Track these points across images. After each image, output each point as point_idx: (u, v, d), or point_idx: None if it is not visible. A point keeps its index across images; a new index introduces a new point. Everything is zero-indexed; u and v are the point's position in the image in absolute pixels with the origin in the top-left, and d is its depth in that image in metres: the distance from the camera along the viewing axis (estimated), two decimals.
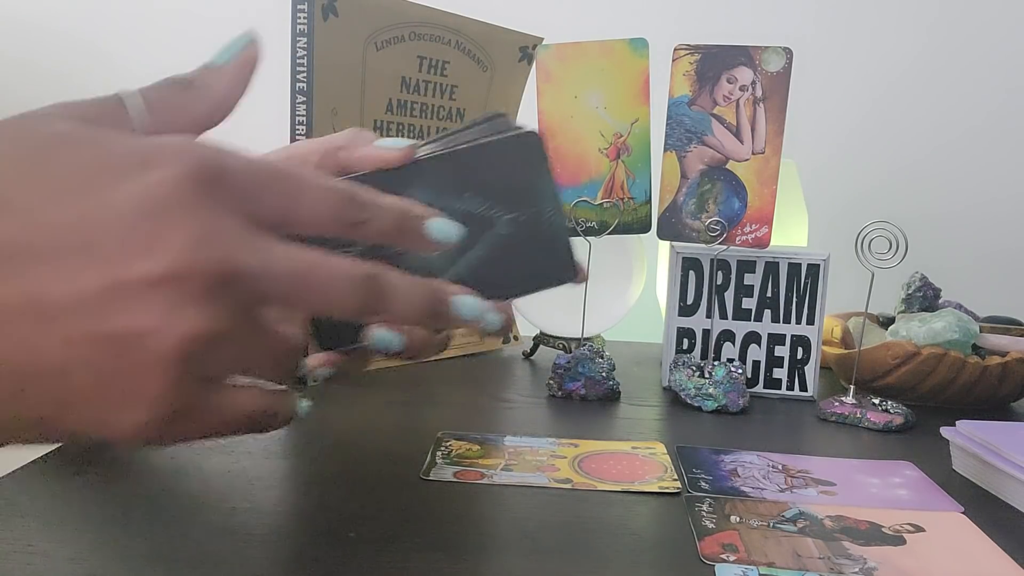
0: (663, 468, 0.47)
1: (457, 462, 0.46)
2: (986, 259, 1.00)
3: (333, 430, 0.52)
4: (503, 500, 0.42)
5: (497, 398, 0.63)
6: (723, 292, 0.65)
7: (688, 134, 0.63)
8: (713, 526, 0.39)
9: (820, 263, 0.64)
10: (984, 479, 0.46)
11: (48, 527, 0.36)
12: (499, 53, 0.72)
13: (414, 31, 0.66)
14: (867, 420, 0.57)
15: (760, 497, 0.43)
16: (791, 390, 0.65)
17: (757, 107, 0.62)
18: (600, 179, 0.63)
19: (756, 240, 0.63)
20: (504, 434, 0.52)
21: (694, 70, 0.62)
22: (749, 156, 0.62)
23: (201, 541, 0.35)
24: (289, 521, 0.38)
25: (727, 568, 0.35)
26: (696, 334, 0.66)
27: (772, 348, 0.65)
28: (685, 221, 0.64)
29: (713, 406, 0.60)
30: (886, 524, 0.40)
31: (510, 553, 0.36)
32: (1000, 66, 0.98)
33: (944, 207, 1.00)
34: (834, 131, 1.01)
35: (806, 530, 0.39)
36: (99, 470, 0.44)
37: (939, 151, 1.00)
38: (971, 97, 0.99)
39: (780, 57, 0.61)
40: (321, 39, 0.59)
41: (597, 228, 0.63)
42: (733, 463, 0.48)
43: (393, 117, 0.67)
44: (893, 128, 1.01)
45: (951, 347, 0.61)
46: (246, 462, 0.45)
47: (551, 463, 0.47)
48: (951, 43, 0.99)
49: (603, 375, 0.62)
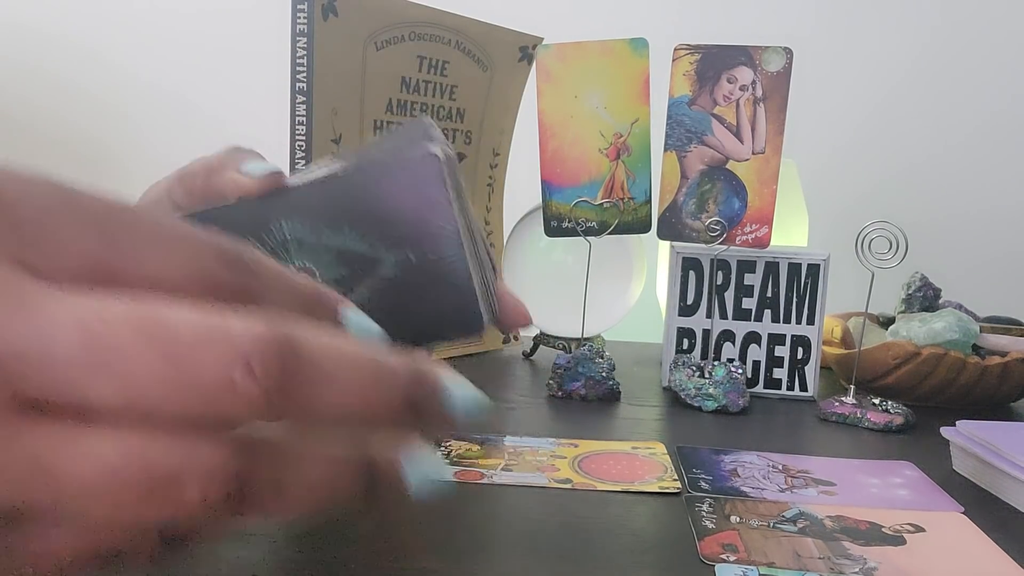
0: (663, 468, 0.47)
1: (457, 462, 0.46)
2: (986, 259, 1.00)
3: None
4: (503, 500, 0.42)
5: (497, 398, 0.63)
6: (723, 292, 0.65)
7: (688, 134, 0.63)
8: (713, 526, 0.39)
9: (820, 263, 0.64)
10: (984, 479, 0.46)
11: None
12: (499, 53, 0.72)
13: (414, 31, 0.66)
14: (867, 420, 0.57)
15: (760, 497, 0.43)
16: (791, 390, 0.65)
17: (757, 107, 0.62)
18: (600, 179, 0.63)
19: (756, 240, 0.63)
20: (504, 434, 0.52)
21: (694, 70, 0.62)
22: (749, 156, 0.62)
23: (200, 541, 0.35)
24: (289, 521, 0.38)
25: (727, 568, 0.35)
26: (696, 334, 0.66)
27: (772, 348, 0.65)
28: (685, 221, 0.64)
29: (713, 406, 0.60)
30: (886, 524, 0.40)
31: (510, 553, 0.36)
32: (1000, 66, 0.98)
33: (944, 207, 1.00)
34: (834, 131, 1.01)
35: (806, 530, 0.39)
36: None
37: (939, 151, 1.00)
38: (972, 97, 0.99)
39: (780, 57, 0.61)
40: (321, 39, 0.59)
41: (597, 228, 0.63)
42: (733, 463, 0.48)
43: (393, 117, 0.67)
44: (893, 128, 1.01)
45: (951, 347, 0.61)
46: None
47: (551, 463, 0.47)
48: (953, 43, 0.99)
49: (603, 375, 0.62)
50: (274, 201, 0.29)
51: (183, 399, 0.17)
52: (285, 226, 0.29)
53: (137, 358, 0.16)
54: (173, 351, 0.17)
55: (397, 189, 0.29)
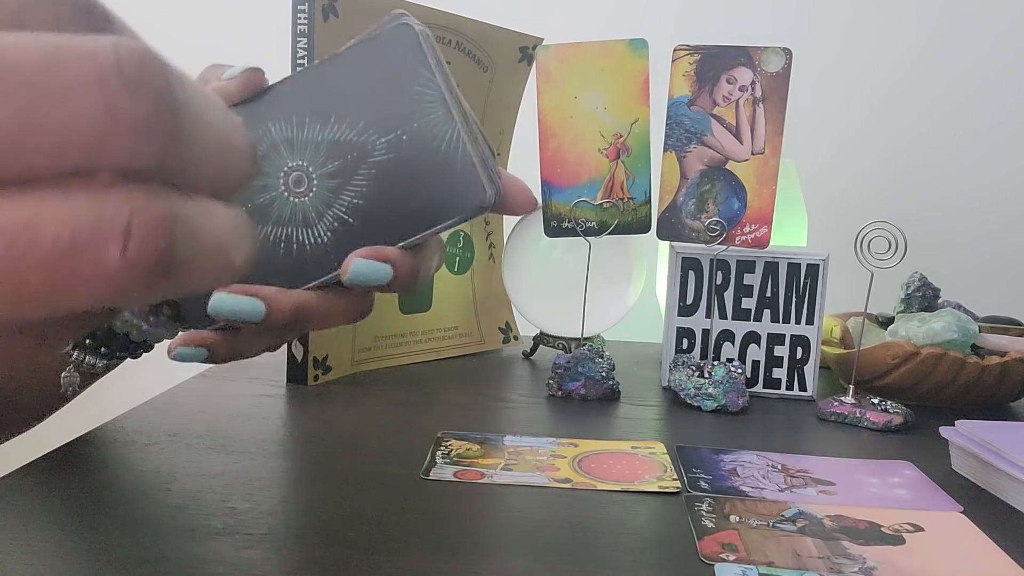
0: (663, 468, 0.47)
1: (457, 462, 0.46)
2: (985, 259, 1.00)
3: (333, 430, 0.52)
4: (503, 500, 0.42)
5: (497, 398, 0.63)
6: (723, 292, 0.65)
7: (688, 134, 0.63)
8: (713, 526, 0.39)
9: (819, 263, 0.64)
10: (983, 479, 0.46)
11: (48, 528, 0.36)
12: (499, 53, 0.72)
13: None
14: (866, 420, 0.57)
15: (760, 497, 0.43)
16: (790, 390, 0.65)
17: (756, 107, 0.62)
18: (600, 179, 0.63)
19: (755, 240, 0.63)
20: (504, 434, 0.52)
21: (694, 70, 0.62)
22: (748, 156, 0.62)
23: (201, 541, 0.35)
24: (289, 521, 0.38)
25: (727, 567, 0.35)
26: (696, 334, 0.66)
27: (771, 348, 0.65)
28: (685, 221, 0.64)
29: (713, 406, 0.60)
30: (885, 524, 0.40)
31: (510, 553, 0.36)
32: (999, 66, 0.99)
33: (944, 207, 1.00)
34: (833, 131, 1.01)
35: (805, 530, 0.39)
36: (98, 470, 0.44)
37: (939, 151, 1.00)
38: (971, 96, 0.99)
39: (779, 57, 0.61)
40: (321, 40, 0.59)
41: (597, 228, 0.63)
42: (733, 463, 0.48)
43: None
44: (893, 128, 1.01)
45: (950, 347, 0.61)
46: (246, 462, 0.45)
47: (551, 463, 0.47)
48: (951, 43, 0.99)
49: (603, 375, 0.62)
50: (258, 104, 0.29)
51: (56, 146, 0.14)
52: (272, 128, 0.29)
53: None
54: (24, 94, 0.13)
55: (375, 66, 0.28)
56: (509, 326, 0.81)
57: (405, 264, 0.29)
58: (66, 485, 0.41)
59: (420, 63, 0.28)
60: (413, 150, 0.28)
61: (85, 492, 0.40)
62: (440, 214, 0.29)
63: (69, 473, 0.43)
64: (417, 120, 0.28)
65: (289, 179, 0.30)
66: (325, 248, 0.30)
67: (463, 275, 0.77)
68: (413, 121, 0.28)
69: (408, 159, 0.28)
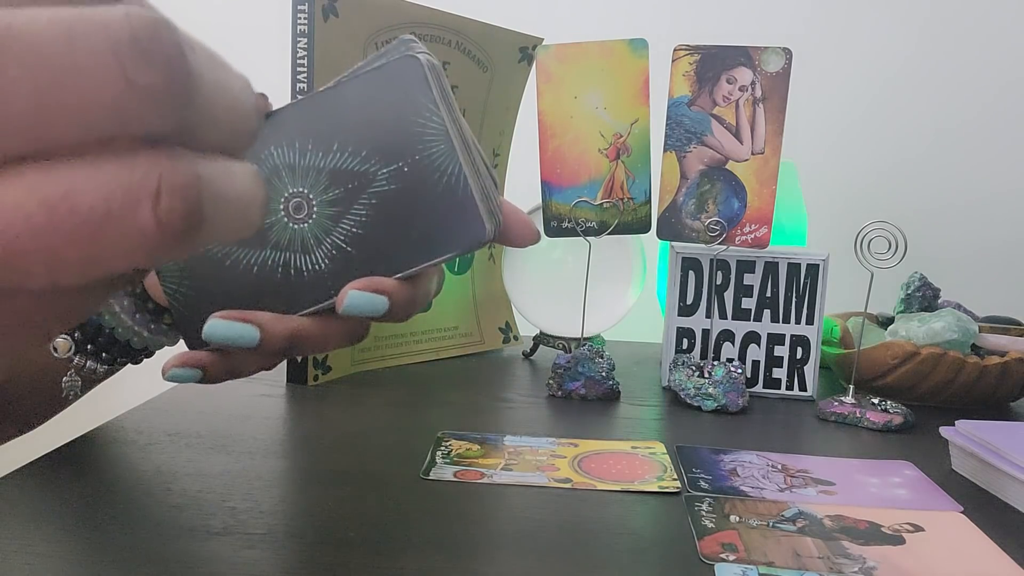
0: (663, 468, 0.47)
1: (457, 462, 0.46)
2: (985, 259, 1.00)
3: (333, 430, 0.52)
4: (503, 500, 0.42)
5: (497, 398, 0.63)
6: (723, 292, 0.65)
7: (688, 134, 0.63)
8: (713, 525, 0.39)
9: (819, 263, 0.64)
10: (983, 479, 0.46)
11: (48, 528, 0.36)
12: (499, 53, 0.72)
13: (414, 31, 0.66)
14: (866, 420, 0.57)
15: (760, 497, 0.43)
16: (790, 390, 0.65)
17: (756, 107, 0.62)
18: (600, 179, 0.63)
19: (755, 240, 0.63)
20: (504, 434, 0.52)
21: (694, 70, 0.62)
22: (748, 156, 0.62)
23: (201, 541, 0.35)
24: (289, 521, 0.38)
25: (727, 567, 0.35)
26: (696, 334, 0.66)
27: (771, 348, 0.65)
28: (685, 221, 0.64)
29: (713, 406, 0.60)
30: (885, 524, 0.40)
31: (510, 553, 0.36)
32: (996, 64, 0.99)
33: (943, 207, 1.00)
34: (833, 131, 1.01)
35: (805, 530, 0.39)
36: (98, 470, 0.44)
37: (939, 150, 1.01)
38: (969, 95, 0.99)
39: (779, 57, 0.61)
40: (321, 40, 0.59)
41: (597, 228, 0.63)
42: (733, 463, 0.48)
43: None
44: (893, 127, 1.01)
45: (950, 347, 0.61)
46: (246, 461, 0.45)
47: (551, 463, 0.47)
48: (947, 41, 0.99)
49: (603, 375, 0.62)
50: (261, 128, 0.29)
51: (78, 118, 0.14)
52: (275, 153, 0.29)
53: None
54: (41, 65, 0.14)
55: (379, 96, 0.28)
56: (509, 326, 0.81)
57: (401, 295, 0.29)
58: (66, 485, 0.41)
59: (425, 96, 0.28)
60: (414, 182, 0.28)
61: (85, 492, 0.40)
62: (438, 247, 0.29)
63: (69, 473, 0.43)
64: (419, 152, 0.28)
65: (289, 205, 0.30)
66: (322, 275, 0.30)
67: (463, 275, 0.77)
68: (415, 153, 0.28)
69: (409, 191, 0.28)
